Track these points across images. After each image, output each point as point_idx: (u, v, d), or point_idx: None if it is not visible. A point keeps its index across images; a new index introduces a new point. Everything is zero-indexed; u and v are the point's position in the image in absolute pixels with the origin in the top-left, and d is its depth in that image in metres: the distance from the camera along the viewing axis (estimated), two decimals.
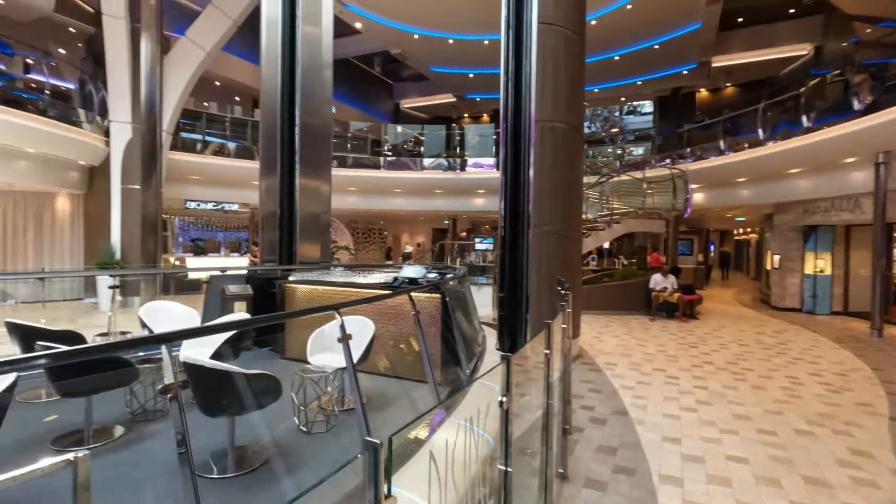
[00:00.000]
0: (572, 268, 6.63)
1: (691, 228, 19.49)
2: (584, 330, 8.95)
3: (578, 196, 6.92)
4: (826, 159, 9.94)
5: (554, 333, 3.94)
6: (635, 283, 11.25)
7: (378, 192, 16.66)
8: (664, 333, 8.86)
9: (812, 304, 11.77)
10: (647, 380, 5.76)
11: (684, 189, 12.18)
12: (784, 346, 7.81)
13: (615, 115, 28.81)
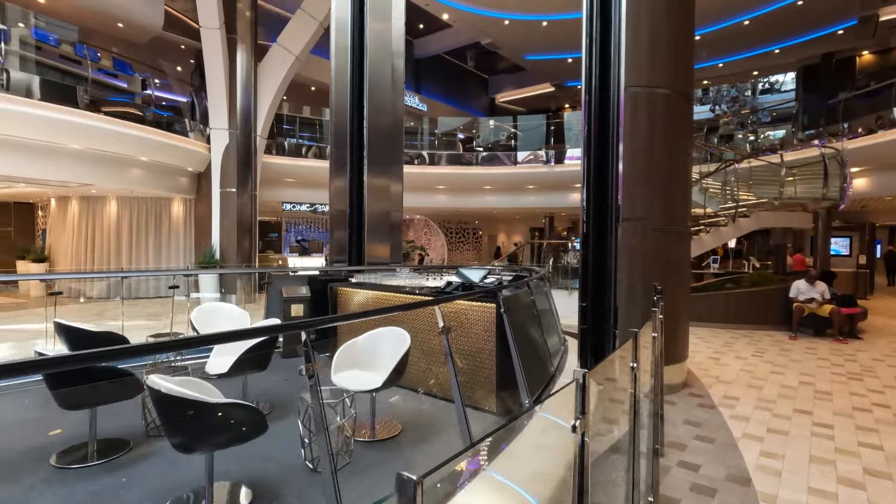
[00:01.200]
0: (677, 271, 5.22)
1: (849, 223, 15.90)
2: (698, 348, 7.31)
3: (686, 182, 5.46)
4: None
5: (642, 348, 2.90)
6: (770, 290, 9.09)
7: (468, 190, 15.95)
8: (811, 357, 6.86)
9: None
10: (784, 426, 4.21)
11: (839, 174, 9.64)
12: None
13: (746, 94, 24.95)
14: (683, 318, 5.33)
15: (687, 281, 5.39)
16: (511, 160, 15.70)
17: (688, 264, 5.50)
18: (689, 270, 5.44)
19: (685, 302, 5.38)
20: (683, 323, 5.33)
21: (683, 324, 5.33)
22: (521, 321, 4.83)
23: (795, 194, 9.98)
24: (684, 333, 5.36)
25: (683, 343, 5.35)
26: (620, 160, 5.03)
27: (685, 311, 5.38)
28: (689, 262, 5.53)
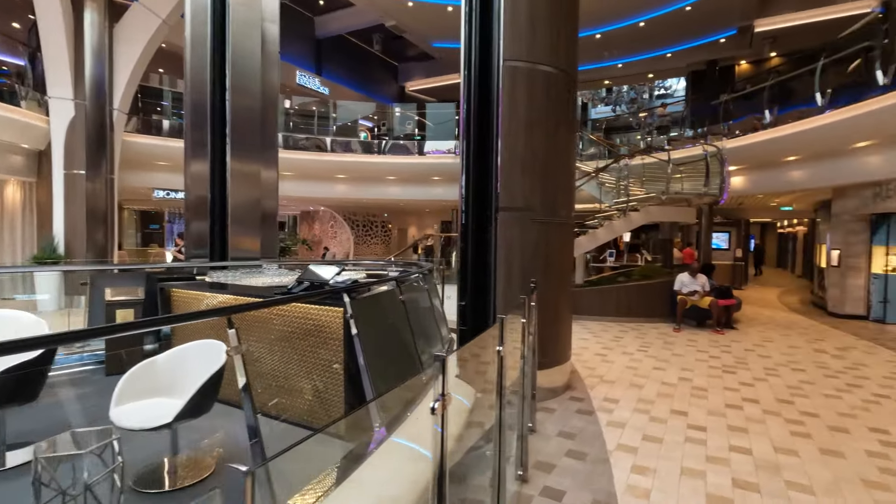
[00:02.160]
0: (559, 267, 4.83)
1: (728, 219, 17.15)
2: (588, 344, 7.12)
3: (569, 171, 5.09)
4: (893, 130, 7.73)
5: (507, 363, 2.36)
6: (658, 283, 9.28)
7: (371, 180, 15.07)
8: (691, 350, 6.92)
9: (882, 311, 9.52)
10: (659, 432, 3.93)
11: (719, 171, 10.08)
12: (856, 373, 5.79)
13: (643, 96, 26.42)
14: (565, 318, 4.96)
15: (569, 277, 5.03)
16: (418, 150, 15.06)
17: (570, 259, 5.15)
18: (571, 266, 5.10)
19: (567, 300, 5.01)
20: (565, 322, 4.96)
21: (565, 323, 4.96)
22: (384, 326, 4.15)
23: (682, 190, 10.31)
24: (566, 334, 5.00)
25: (565, 343, 4.99)
26: (500, 144, 4.52)
27: (567, 310, 5.02)
28: (571, 257, 5.18)
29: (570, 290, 5.09)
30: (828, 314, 10.47)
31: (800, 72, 9.92)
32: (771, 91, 10.28)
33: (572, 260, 5.30)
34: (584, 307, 9.25)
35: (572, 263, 5.20)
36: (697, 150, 10.79)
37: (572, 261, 5.29)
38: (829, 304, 10.51)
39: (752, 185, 11.68)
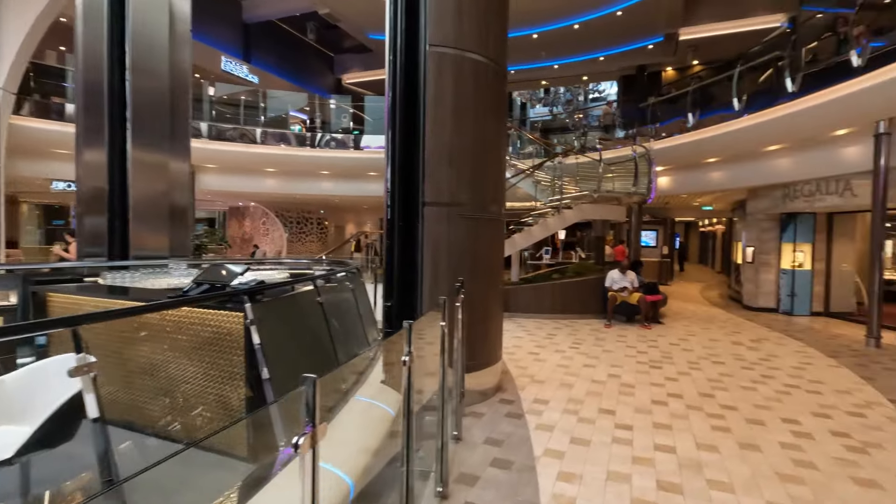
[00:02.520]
0: (488, 265, 4.64)
1: (655, 218, 17.97)
2: (522, 343, 7.04)
3: (499, 165, 4.92)
4: (813, 132, 8.29)
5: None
6: (590, 280, 9.43)
7: (303, 174, 14.36)
8: (621, 346, 7.02)
9: (790, 304, 10.23)
10: (588, 433, 3.83)
11: (647, 172, 10.43)
12: (769, 365, 6.07)
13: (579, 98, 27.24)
14: (495, 317, 4.79)
15: (499, 275, 4.87)
16: (354, 144, 14.53)
17: (501, 256, 4.99)
18: (502, 263, 4.94)
19: (497, 299, 4.84)
20: (495, 322, 4.79)
21: (495, 323, 4.79)
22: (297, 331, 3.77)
23: (613, 189, 10.57)
24: (496, 333, 4.83)
25: (496, 344, 4.82)
26: (426, 133, 4.25)
27: (497, 309, 4.85)
28: (502, 254, 5.02)
29: (501, 289, 4.93)
30: (743, 307, 11.14)
31: (719, 78, 10.43)
32: (693, 96, 10.76)
33: (503, 257, 5.15)
34: (519, 305, 9.23)
35: (504, 261, 5.04)
36: (627, 151, 11.11)
37: (503, 258, 5.15)
38: (745, 298, 11.19)
39: (677, 185, 12.21)
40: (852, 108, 7.04)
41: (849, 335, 8.12)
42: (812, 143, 8.57)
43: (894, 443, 3.74)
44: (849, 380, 5.47)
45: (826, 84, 7.16)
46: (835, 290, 10.14)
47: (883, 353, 6.82)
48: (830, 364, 6.15)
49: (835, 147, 8.16)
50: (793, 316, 10.10)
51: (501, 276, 4.96)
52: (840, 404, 4.62)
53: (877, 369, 5.95)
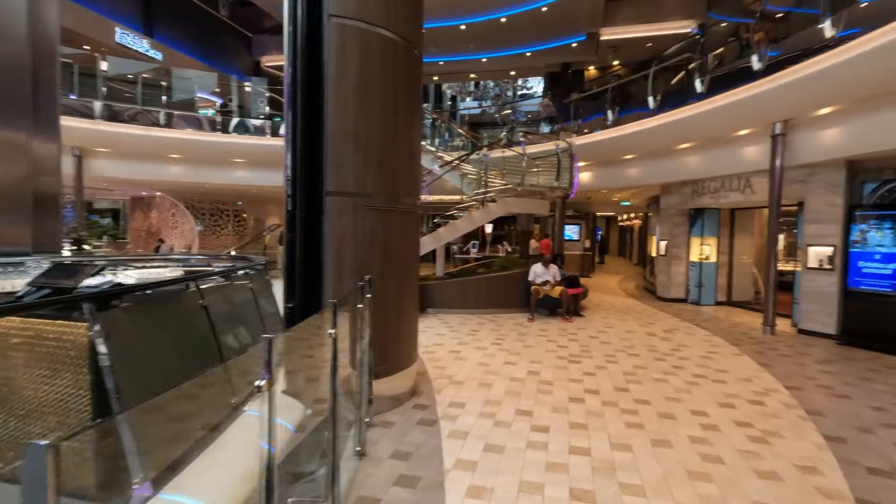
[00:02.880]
0: (400, 261, 4.30)
1: (578, 213, 18.55)
2: (444, 340, 6.79)
3: (413, 153, 4.58)
4: (719, 132, 8.74)
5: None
6: (515, 274, 9.39)
7: (213, 162, 13.19)
8: (542, 341, 6.99)
9: (698, 295, 10.85)
10: (503, 439, 3.62)
11: (570, 167, 10.58)
12: (679, 355, 6.27)
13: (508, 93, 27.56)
14: (409, 317, 4.46)
15: (414, 271, 4.54)
16: (272, 131, 13.55)
17: (415, 252, 4.66)
18: (415, 259, 4.62)
19: (412, 297, 4.52)
20: (409, 322, 4.46)
21: (409, 323, 4.47)
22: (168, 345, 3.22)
23: (537, 183, 10.62)
24: (410, 334, 4.51)
25: (410, 345, 4.50)
26: (329, 114, 3.82)
27: (412, 308, 4.52)
28: (416, 249, 4.70)
29: (416, 286, 4.61)
30: (657, 298, 11.69)
31: (636, 77, 10.79)
32: (613, 93, 11.05)
33: (419, 252, 4.83)
34: (445, 300, 9.01)
35: (417, 256, 4.72)
36: (552, 146, 11.23)
37: (419, 253, 4.83)
38: (658, 290, 11.74)
39: (598, 181, 12.56)
40: (752, 110, 7.45)
41: (748, 323, 8.69)
42: (718, 143, 9.05)
43: (790, 430, 3.88)
44: (749, 368, 5.74)
45: (730, 87, 7.53)
46: (736, 280, 10.88)
47: (778, 340, 7.32)
48: (734, 352, 6.46)
49: (737, 147, 8.66)
50: (700, 306, 10.71)
51: (417, 273, 4.64)
52: (742, 393, 4.79)
53: (773, 356, 6.32)
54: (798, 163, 7.54)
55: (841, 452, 3.49)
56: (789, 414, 4.24)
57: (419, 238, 4.92)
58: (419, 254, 4.92)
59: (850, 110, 6.73)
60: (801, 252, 7.92)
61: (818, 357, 6.35)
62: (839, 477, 3.13)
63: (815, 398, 4.68)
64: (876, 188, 7.13)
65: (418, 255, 4.79)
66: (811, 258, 7.66)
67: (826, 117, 7.06)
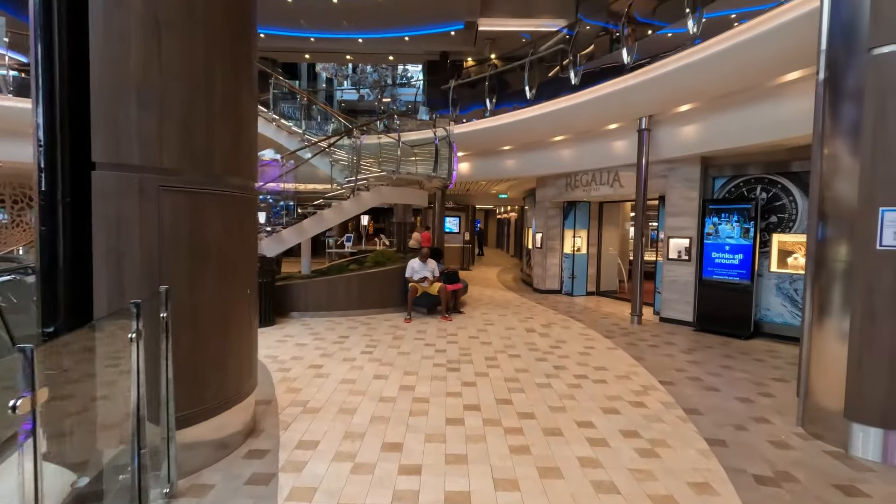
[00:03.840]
0: (226, 260, 3.20)
1: (458, 205, 18.38)
2: (305, 352, 5.74)
3: (244, 116, 3.48)
4: (590, 125, 8.83)
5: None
6: (391, 270, 8.59)
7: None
8: (419, 345, 6.29)
9: (571, 286, 11.10)
10: (361, 494, 2.79)
11: (448, 156, 10.05)
12: (559, 352, 6.01)
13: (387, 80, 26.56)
14: (239, 335, 3.38)
15: (246, 276, 3.47)
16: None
17: (249, 250, 3.58)
18: (250, 259, 3.55)
19: (245, 308, 3.44)
20: (240, 341, 3.38)
21: (240, 342, 3.39)
22: None
23: (416, 172, 9.93)
24: (244, 357, 3.43)
25: (243, 371, 3.43)
26: (96, 52, 2.59)
27: (246, 322, 3.45)
28: (250, 247, 3.62)
29: (249, 292, 3.54)
30: (534, 290, 11.78)
31: (513, 66, 10.60)
32: (491, 82, 10.74)
33: (254, 249, 3.75)
34: (310, 302, 7.88)
35: (255, 254, 3.65)
36: (430, 134, 10.61)
37: (255, 251, 3.75)
38: (535, 281, 11.84)
39: (477, 171, 12.27)
40: (620, 103, 7.53)
41: (617, 313, 8.96)
42: (590, 136, 9.16)
43: (675, 436, 3.63)
44: (625, 362, 5.64)
45: (601, 81, 7.53)
46: (604, 271, 11.35)
47: (645, 330, 7.53)
48: (609, 346, 6.40)
49: (608, 141, 8.83)
50: (574, 297, 10.97)
51: (252, 276, 3.57)
52: (624, 394, 4.55)
53: (643, 348, 6.38)
54: (661, 158, 7.83)
55: (726, 458, 3.27)
56: (670, 415, 4.04)
57: (256, 231, 3.84)
58: (256, 252, 3.85)
59: (704, 109, 7.07)
60: (663, 244, 8.30)
61: (682, 346, 6.56)
62: (731, 492, 2.85)
63: (689, 393, 4.62)
64: (724, 183, 7.65)
65: (255, 254, 3.72)
66: (671, 250, 8.03)
67: (685, 114, 7.37)
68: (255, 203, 3.71)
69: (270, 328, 7.06)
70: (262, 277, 7.04)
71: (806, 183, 6.77)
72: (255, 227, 3.73)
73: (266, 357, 5.52)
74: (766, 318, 7.15)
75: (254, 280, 3.62)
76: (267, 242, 7.87)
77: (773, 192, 7.10)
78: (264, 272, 7.08)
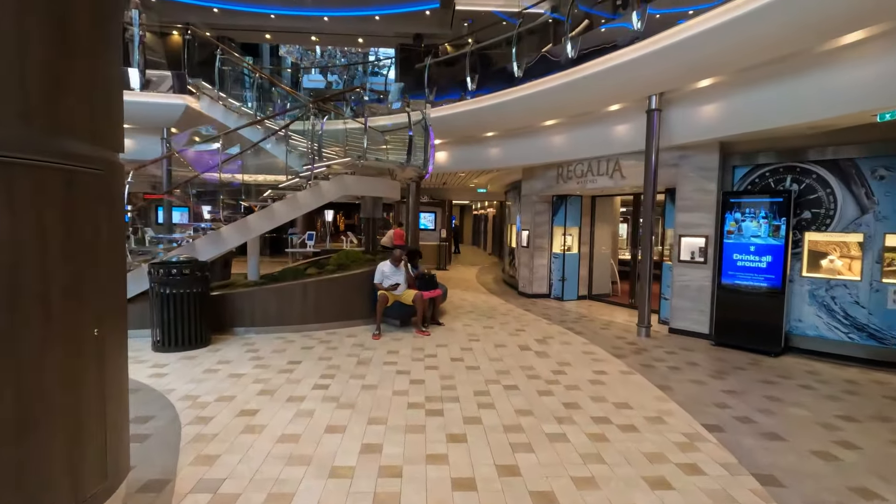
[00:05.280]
0: (41, 272, 1.83)
1: (434, 199, 17.07)
2: (237, 388, 4.37)
3: (95, 45, 2.10)
4: (589, 106, 7.66)
5: None
6: (357, 276, 7.23)
7: None
8: (389, 374, 4.98)
9: (561, 289, 9.97)
10: None
11: (424, 143, 8.73)
12: (566, 381, 4.81)
13: (357, 67, 24.97)
14: (78, 396, 2.01)
15: (97, 306, 2.10)
16: None
17: (113, 263, 2.20)
18: (106, 278, 2.18)
19: (81, 352, 2.08)
20: (80, 405, 2.02)
21: (82, 407, 2.02)
22: None
23: (386, 158, 8.58)
24: (91, 435, 2.07)
25: (91, 459, 2.07)
26: None
27: (84, 372, 2.08)
28: (116, 256, 2.24)
29: (98, 332, 2.18)
30: (519, 294, 10.61)
31: (497, 40, 9.36)
32: (472, 59, 9.47)
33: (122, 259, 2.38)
34: (257, 315, 6.47)
35: (115, 260, 2.29)
36: (403, 117, 9.28)
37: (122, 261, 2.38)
38: (520, 284, 10.67)
39: (455, 162, 11.00)
40: (627, 79, 6.38)
41: (617, 322, 7.85)
42: (587, 120, 8.01)
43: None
44: (650, 394, 4.48)
45: (604, 53, 6.35)
46: (596, 273, 10.26)
47: (656, 345, 6.42)
48: (622, 369, 5.24)
49: (608, 125, 7.68)
50: (564, 301, 9.84)
51: (113, 300, 2.22)
52: (666, 449, 3.36)
53: (664, 371, 5.24)
54: (673, 143, 6.72)
55: None
56: (741, 489, 2.88)
57: (120, 230, 2.44)
58: (121, 261, 2.46)
59: (727, 84, 5.98)
60: (674, 243, 7.21)
61: (707, 367, 5.46)
62: None
63: (749, 446, 3.47)
64: (747, 173, 6.60)
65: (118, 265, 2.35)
66: (684, 250, 6.95)
67: (704, 92, 6.27)
68: (117, 187, 2.33)
69: (203, 350, 5.63)
70: (192, 287, 5.60)
71: (846, 172, 5.76)
72: (118, 223, 2.35)
73: (182, 399, 4.12)
74: (797, 330, 6.14)
75: (119, 303, 2.25)
76: (201, 243, 6.40)
77: (806, 184, 6.07)
78: (195, 280, 5.63)
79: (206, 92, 9.54)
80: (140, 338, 5.86)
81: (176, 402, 4.05)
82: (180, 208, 11.57)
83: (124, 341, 2.46)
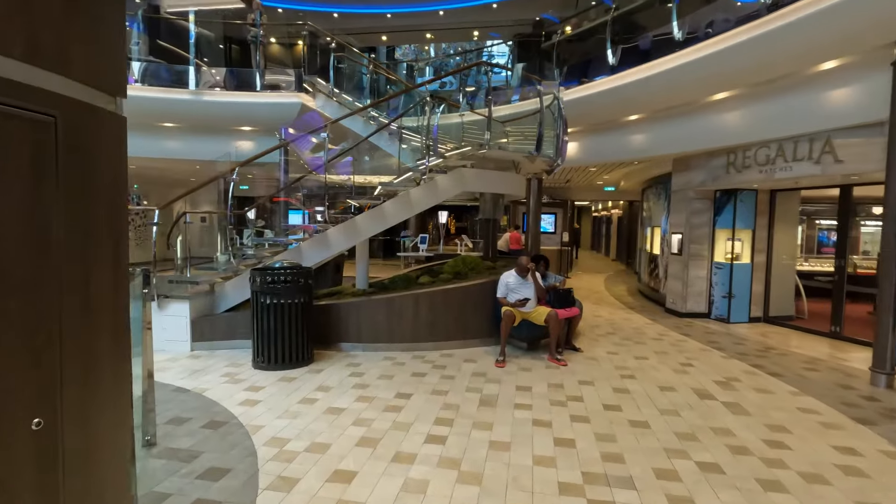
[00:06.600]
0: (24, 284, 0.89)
1: (554, 199, 15.51)
2: (335, 428, 3.46)
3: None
4: (789, 66, 5.69)
5: None
6: (476, 286, 6.11)
7: None
8: (522, 424, 3.74)
9: (726, 308, 7.91)
10: None
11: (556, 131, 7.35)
12: (795, 465, 3.16)
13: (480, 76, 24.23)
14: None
15: (77, 312, 1.20)
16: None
17: (111, 236, 1.27)
18: (117, 258, 1.28)
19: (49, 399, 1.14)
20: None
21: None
22: None
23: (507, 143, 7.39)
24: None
25: None
26: None
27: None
28: (119, 251, 1.32)
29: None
30: (666, 311, 8.72)
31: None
32: (614, 28, 7.88)
33: (124, 253, 1.47)
34: (363, 330, 5.66)
35: (121, 257, 1.39)
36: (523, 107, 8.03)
37: (124, 255, 1.47)
38: (669, 300, 8.76)
39: (587, 153, 9.45)
40: (864, 16, 4.43)
41: (823, 360, 5.75)
42: (778, 87, 6.04)
43: None
44: None
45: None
46: (775, 289, 7.99)
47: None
48: (880, 448, 3.40)
49: (815, 91, 5.66)
50: (730, 323, 7.78)
51: (112, 324, 1.31)
52: None
53: None
54: None
55: None
56: None
57: (123, 219, 1.51)
58: (124, 256, 1.53)
59: None
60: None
61: None
62: None
63: None
64: None
65: (124, 266, 1.41)
66: None
67: None
68: (118, 125, 1.40)
69: (303, 370, 4.92)
70: (294, 297, 4.92)
71: None
72: (120, 208, 1.42)
73: (268, 443, 3.30)
74: None
75: (122, 318, 1.32)
76: (306, 247, 5.77)
77: None
78: (297, 289, 4.95)
79: (320, 89, 9.20)
80: (245, 349, 5.37)
81: (261, 447, 3.24)
82: (296, 211, 11.56)
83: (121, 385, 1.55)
